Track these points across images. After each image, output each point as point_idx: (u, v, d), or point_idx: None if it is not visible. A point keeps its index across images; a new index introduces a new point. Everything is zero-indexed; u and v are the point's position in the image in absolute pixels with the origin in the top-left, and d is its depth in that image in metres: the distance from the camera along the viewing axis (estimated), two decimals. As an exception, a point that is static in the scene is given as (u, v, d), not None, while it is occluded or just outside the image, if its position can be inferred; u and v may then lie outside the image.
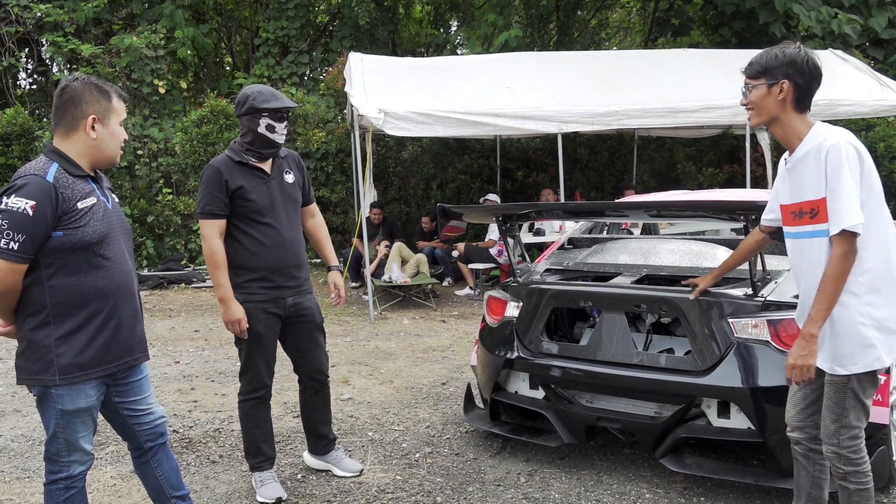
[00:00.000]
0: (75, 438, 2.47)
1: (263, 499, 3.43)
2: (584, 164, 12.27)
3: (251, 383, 3.46)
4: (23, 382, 2.45)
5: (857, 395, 2.47)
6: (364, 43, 13.74)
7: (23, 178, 2.32)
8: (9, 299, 2.38)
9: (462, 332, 7.19)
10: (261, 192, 3.33)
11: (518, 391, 3.94)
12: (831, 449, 2.51)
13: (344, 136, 11.16)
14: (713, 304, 3.29)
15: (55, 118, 2.46)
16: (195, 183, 11.14)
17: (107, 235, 2.45)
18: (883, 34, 12.51)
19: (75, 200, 2.37)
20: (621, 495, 3.43)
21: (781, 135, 2.55)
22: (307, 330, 3.53)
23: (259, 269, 3.33)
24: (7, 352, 6.66)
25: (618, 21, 19.40)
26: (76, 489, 2.53)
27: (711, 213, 3.47)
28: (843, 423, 2.47)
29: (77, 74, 2.58)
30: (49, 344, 2.39)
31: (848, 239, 2.33)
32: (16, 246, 2.28)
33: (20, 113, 10.88)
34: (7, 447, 4.24)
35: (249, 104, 3.31)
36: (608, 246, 4.25)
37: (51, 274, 2.37)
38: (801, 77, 2.45)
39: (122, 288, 2.51)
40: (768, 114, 2.52)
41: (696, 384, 3.26)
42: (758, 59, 2.53)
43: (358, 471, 3.72)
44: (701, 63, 9.56)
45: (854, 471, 2.49)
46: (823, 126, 2.47)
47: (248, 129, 3.33)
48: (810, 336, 2.40)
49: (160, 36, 12.35)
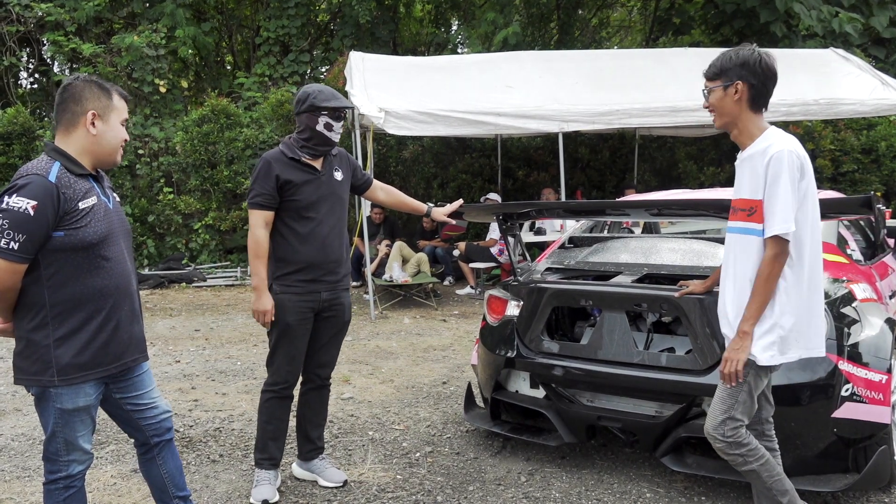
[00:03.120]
0: (74, 437, 2.47)
1: (252, 499, 3.43)
2: (585, 164, 12.26)
3: (272, 376, 3.48)
4: (20, 382, 2.44)
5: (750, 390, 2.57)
6: (365, 42, 13.73)
7: (25, 178, 2.31)
8: (7, 298, 2.37)
9: (463, 331, 7.18)
10: (308, 188, 3.37)
11: (519, 390, 3.94)
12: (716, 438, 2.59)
13: (345, 135, 11.13)
14: (714, 304, 3.27)
15: (56, 116, 2.46)
16: (196, 182, 11.15)
17: (107, 236, 2.45)
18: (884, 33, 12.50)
19: (77, 200, 2.36)
20: (622, 494, 3.43)
21: (737, 135, 2.64)
22: (331, 325, 3.53)
23: (298, 263, 3.37)
24: (7, 351, 6.66)
25: (619, 20, 19.39)
26: (75, 488, 2.52)
27: (713, 212, 3.46)
28: (731, 414, 2.57)
29: (79, 74, 2.59)
30: (48, 344, 2.38)
31: (779, 243, 2.45)
32: (16, 246, 2.27)
33: (21, 112, 10.87)
34: (7, 446, 4.24)
35: (310, 102, 3.36)
36: (609, 245, 4.24)
37: (50, 274, 2.36)
38: (754, 77, 2.53)
39: (121, 288, 2.50)
40: (728, 115, 2.61)
41: (697, 383, 3.26)
42: (715, 61, 2.64)
43: (342, 482, 3.61)
44: (702, 62, 9.34)
45: (747, 450, 2.59)
46: (774, 131, 2.56)
47: (306, 125, 3.39)
48: (743, 333, 2.51)
49: (161, 35, 12.34)
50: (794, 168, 2.45)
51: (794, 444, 3.08)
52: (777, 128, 2.59)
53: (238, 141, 11.18)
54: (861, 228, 5.02)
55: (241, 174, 11.11)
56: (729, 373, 2.53)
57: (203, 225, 11.03)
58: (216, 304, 8.98)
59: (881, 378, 3.13)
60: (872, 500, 3.27)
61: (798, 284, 2.52)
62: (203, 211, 11.15)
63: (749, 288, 2.52)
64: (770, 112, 2.64)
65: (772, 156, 2.45)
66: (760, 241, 2.50)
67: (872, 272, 3.99)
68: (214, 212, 11.06)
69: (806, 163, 2.50)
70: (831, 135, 11.37)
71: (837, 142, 11.38)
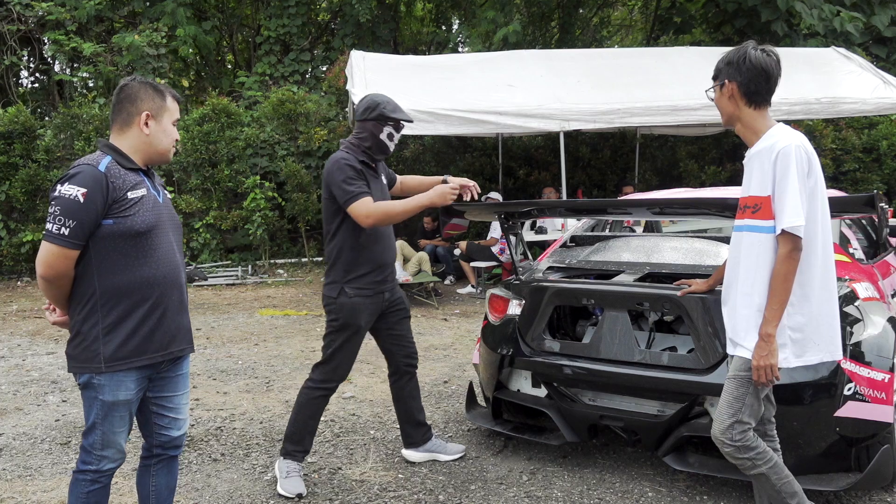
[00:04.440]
0: (112, 433, 2.51)
1: (285, 492, 3.45)
2: (586, 163, 12.26)
3: (328, 374, 3.54)
4: (72, 370, 2.50)
5: (756, 392, 2.54)
6: (366, 41, 13.74)
7: (76, 168, 2.40)
8: (60, 286, 2.43)
9: (464, 330, 7.18)
10: (374, 190, 3.46)
11: (520, 389, 3.93)
12: (724, 442, 2.57)
13: (345, 135, 11.15)
14: (716, 302, 3.27)
15: (112, 115, 2.55)
16: (196, 181, 11.14)
17: (155, 226, 2.51)
18: (885, 32, 12.49)
19: (126, 190, 2.44)
20: (624, 494, 3.43)
21: (741, 131, 2.63)
22: (399, 318, 3.69)
23: (370, 264, 3.48)
24: (9, 350, 6.66)
25: (619, 19, 19.39)
26: (101, 484, 2.55)
27: (715, 211, 3.46)
28: (739, 418, 2.54)
29: (135, 76, 2.67)
30: (96, 333, 2.44)
31: (791, 239, 2.42)
32: (67, 231, 2.35)
33: (22, 111, 10.87)
34: (9, 445, 4.24)
35: (380, 111, 3.48)
36: (611, 244, 4.24)
37: (100, 262, 2.43)
38: (739, 75, 2.54)
39: (170, 279, 2.55)
40: (726, 113, 2.63)
41: (699, 382, 3.25)
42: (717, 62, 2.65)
43: (462, 451, 3.86)
44: (703, 61, 9.51)
45: (756, 454, 2.57)
46: (781, 127, 2.54)
47: (370, 133, 3.50)
48: (767, 336, 2.46)
49: (162, 34, 12.34)
50: (801, 162, 2.43)
51: (797, 444, 3.07)
52: (784, 124, 2.57)
53: (239, 140, 11.18)
54: (863, 227, 5.02)
55: (242, 173, 11.11)
56: (764, 381, 2.48)
57: (204, 224, 11.03)
58: (217, 304, 8.98)
59: (884, 377, 3.12)
60: (875, 499, 3.26)
61: (809, 283, 2.49)
62: (204, 210, 11.15)
63: (758, 285, 2.49)
64: (772, 111, 2.63)
65: (779, 151, 2.44)
66: (769, 238, 2.48)
67: (875, 271, 3.98)
68: (215, 211, 11.06)
69: (813, 158, 2.48)
70: (833, 134, 11.36)
71: (839, 141, 11.38)
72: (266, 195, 10.67)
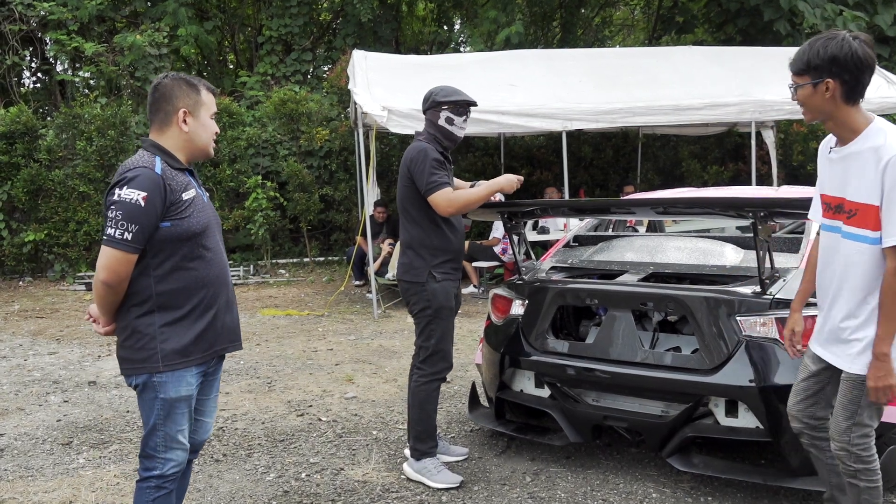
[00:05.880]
0: (174, 431, 2.48)
1: (446, 484, 3.49)
2: (588, 162, 12.24)
3: (438, 363, 3.58)
4: (126, 373, 2.46)
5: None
6: (367, 41, 13.72)
7: (133, 171, 2.37)
8: (119, 292, 2.40)
9: (466, 330, 7.16)
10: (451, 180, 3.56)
11: (523, 389, 3.92)
12: (840, 446, 2.48)
13: (347, 134, 11.14)
14: (721, 302, 3.26)
15: (150, 115, 2.53)
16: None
17: (207, 226, 2.52)
18: (888, 32, 12.45)
19: (180, 192, 2.43)
20: (628, 495, 3.41)
21: (834, 128, 2.46)
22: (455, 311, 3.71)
23: (452, 252, 3.58)
24: (10, 350, 6.65)
25: (621, 19, 19.36)
26: (166, 490, 2.51)
27: (719, 211, 3.44)
28: (856, 420, 2.44)
29: (167, 72, 2.65)
30: (153, 332, 2.42)
31: None
32: (129, 236, 2.33)
33: (24, 111, 10.87)
34: (10, 445, 4.23)
35: (432, 99, 3.57)
36: (614, 244, 4.22)
37: (157, 264, 2.41)
38: (846, 73, 2.34)
39: (220, 278, 2.56)
40: (819, 112, 2.44)
41: (703, 383, 3.23)
42: (800, 54, 2.41)
43: (466, 453, 3.89)
44: (705, 60, 9.52)
45: (864, 468, 2.47)
46: (883, 125, 2.37)
47: (431, 123, 3.60)
48: (883, 356, 2.33)
49: (163, 34, 12.32)
50: None
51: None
52: (884, 119, 2.41)
53: (241, 140, 11.17)
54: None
55: (244, 173, 11.10)
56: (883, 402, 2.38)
57: (205, 224, 11.01)
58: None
59: None
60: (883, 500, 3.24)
61: None
62: (205, 210, 11.13)
63: (860, 295, 2.37)
64: (773, 111, 2.57)
65: (890, 159, 2.26)
66: (875, 249, 2.33)
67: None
68: (217, 211, 11.03)
69: None
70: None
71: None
72: (268, 195, 10.66)
